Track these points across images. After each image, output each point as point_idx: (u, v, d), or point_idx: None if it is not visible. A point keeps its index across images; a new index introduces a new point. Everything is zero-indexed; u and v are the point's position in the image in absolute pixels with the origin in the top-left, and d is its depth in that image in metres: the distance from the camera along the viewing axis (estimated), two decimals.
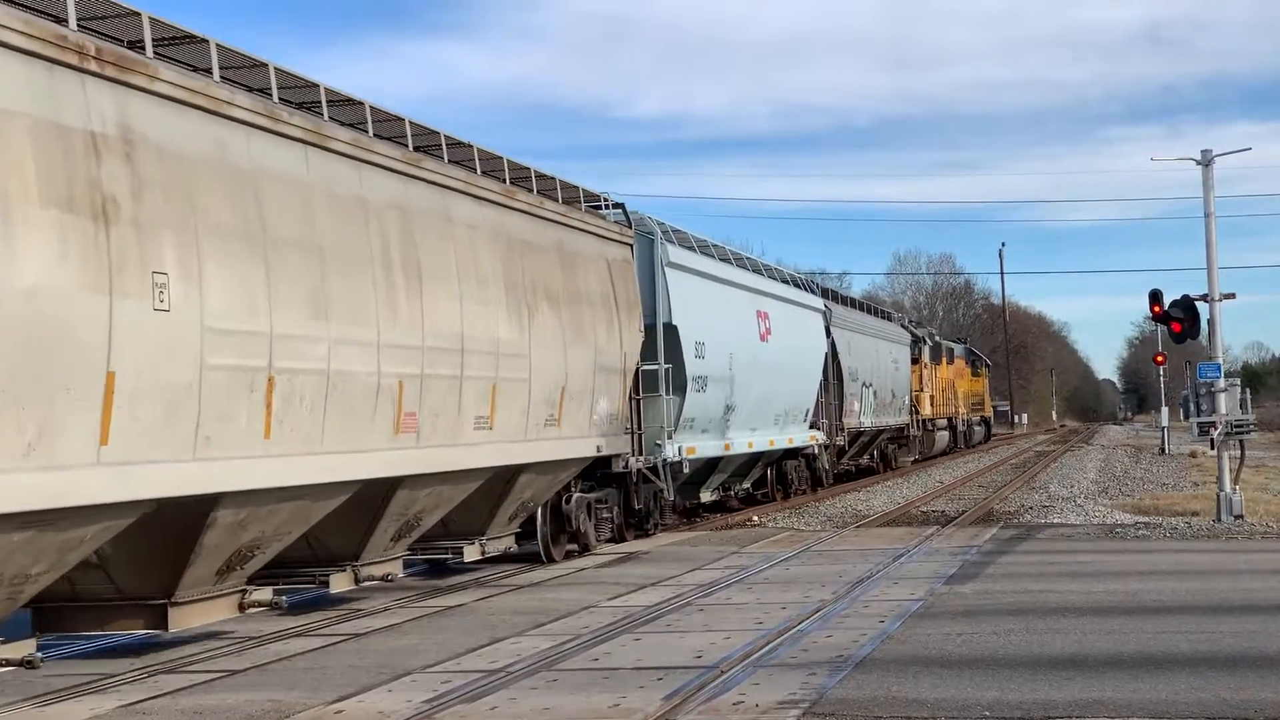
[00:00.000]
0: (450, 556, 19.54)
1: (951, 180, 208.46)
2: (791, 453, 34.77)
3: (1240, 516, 25.55)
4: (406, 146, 16.65)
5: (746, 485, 33.33)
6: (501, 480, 18.89)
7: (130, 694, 11.97)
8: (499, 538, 20.05)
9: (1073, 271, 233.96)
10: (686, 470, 25.90)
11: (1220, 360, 26.53)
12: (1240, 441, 26.39)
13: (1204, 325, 26.47)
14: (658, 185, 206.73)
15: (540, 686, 11.66)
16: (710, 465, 28.51)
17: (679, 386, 25.02)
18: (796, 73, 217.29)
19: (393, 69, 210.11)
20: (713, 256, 28.51)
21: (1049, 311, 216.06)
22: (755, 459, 31.73)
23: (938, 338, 66.35)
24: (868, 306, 51.15)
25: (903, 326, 54.65)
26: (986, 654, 12.59)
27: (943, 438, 61.41)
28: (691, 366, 25.41)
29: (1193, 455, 53.00)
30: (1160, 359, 65.09)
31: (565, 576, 19.83)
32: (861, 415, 42.86)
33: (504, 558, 21.25)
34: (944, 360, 62.87)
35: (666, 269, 24.75)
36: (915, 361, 54.04)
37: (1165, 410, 67.21)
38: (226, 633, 15.26)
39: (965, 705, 10.45)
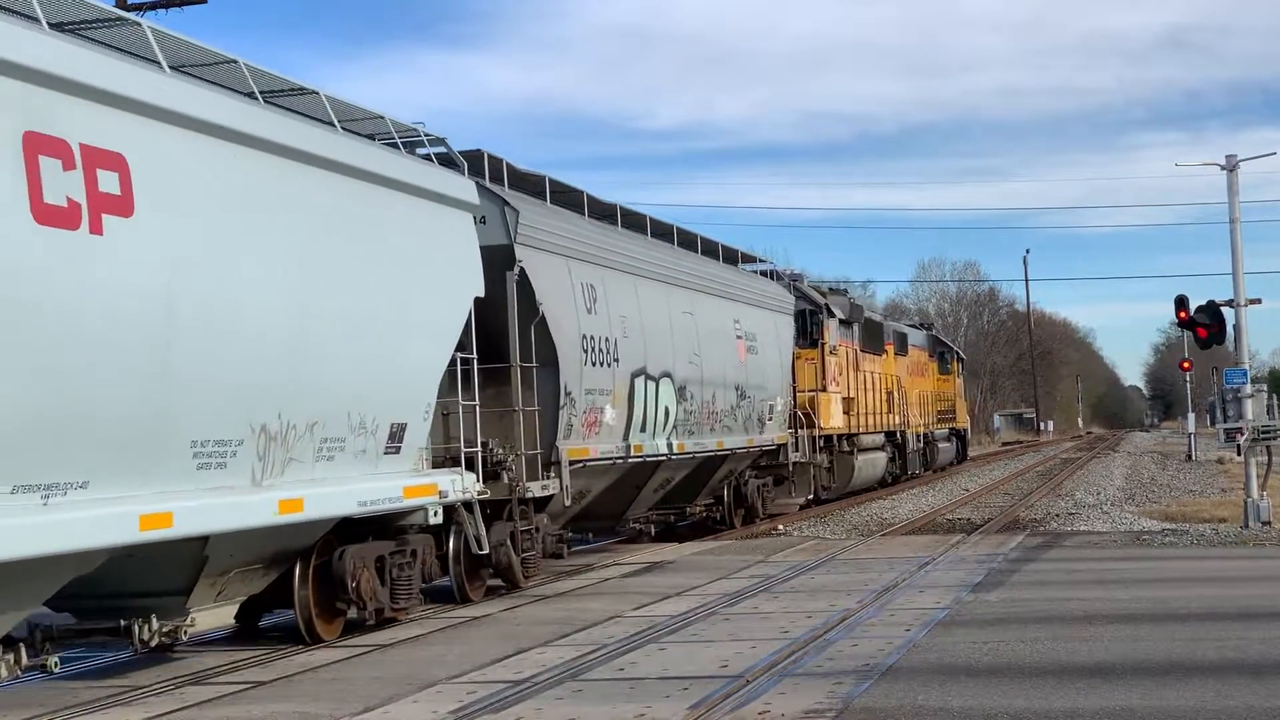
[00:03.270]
0: None
1: (975, 187, 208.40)
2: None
3: (1268, 523, 25.41)
4: None
5: None
6: None
7: (157, 706, 12.00)
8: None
9: (1098, 278, 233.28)
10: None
11: (1247, 366, 26.43)
12: (1267, 447, 26.26)
13: (1230, 331, 26.37)
14: (680, 195, 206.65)
15: (566, 697, 11.65)
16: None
17: None
18: (818, 82, 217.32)
19: (416, 80, 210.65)
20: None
21: (1074, 318, 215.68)
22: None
23: (873, 314, 46.61)
24: (674, 233, 26.61)
25: (792, 287, 34.42)
26: (1013, 662, 12.54)
27: (873, 463, 40.24)
28: None
29: (1220, 461, 52.74)
30: (1186, 365, 64.79)
31: (591, 586, 19.81)
32: (641, 433, 22.58)
33: None
34: (886, 347, 43.99)
35: None
36: (812, 343, 35.05)
37: (1192, 416, 66.92)
38: (252, 644, 15.27)
39: (992, 714, 10.41)
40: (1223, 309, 26.22)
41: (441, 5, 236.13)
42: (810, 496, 34.45)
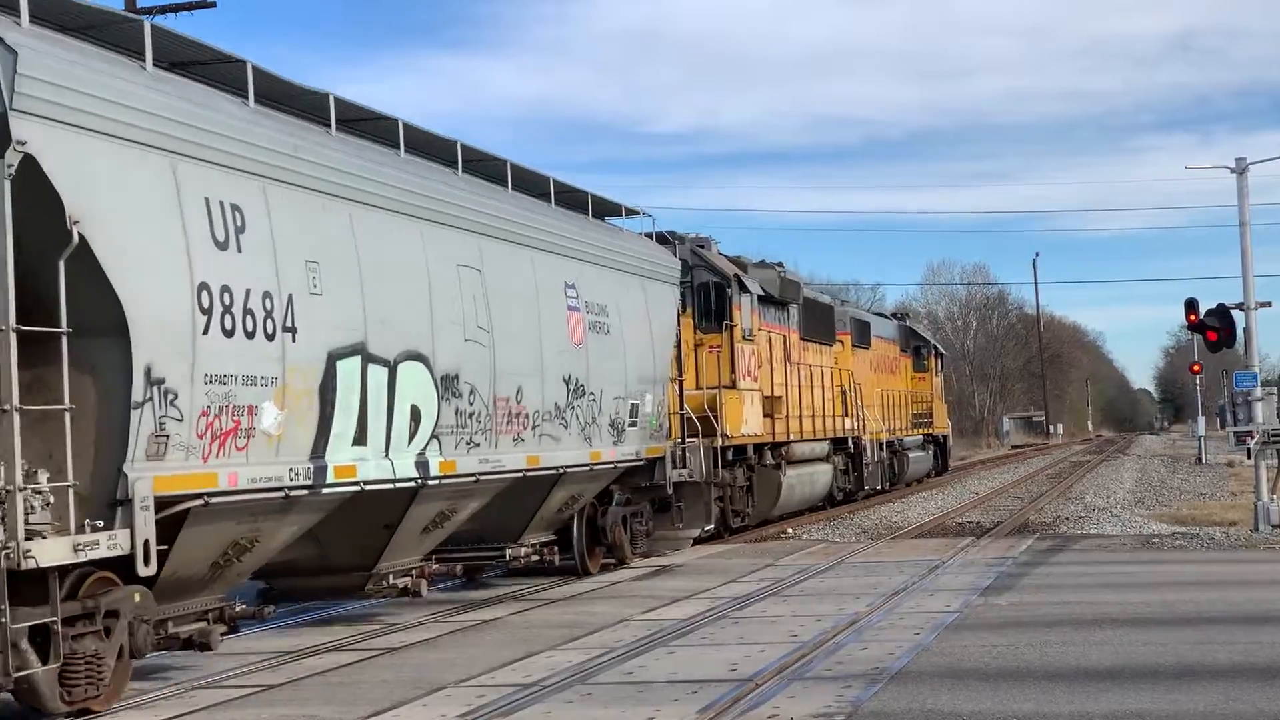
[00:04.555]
0: None
1: (984, 191, 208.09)
2: None
3: (1278, 526, 25.36)
4: None
5: None
6: None
7: (166, 709, 12.01)
8: None
9: (1107, 281, 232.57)
10: None
11: (1257, 369, 26.39)
12: (1278, 451, 26.21)
13: (1240, 334, 26.33)
14: (688, 199, 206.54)
15: (575, 700, 11.65)
16: None
17: None
18: (826, 86, 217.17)
19: (424, 85, 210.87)
20: None
21: (1084, 321, 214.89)
22: None
23: (820, 296, 38.12)
24: (459, 154, 17.98)
25: (692, 253, 27.05)
26: (1023, 666, 12.53)
27: (811, 479, 32.42)
28: None
29: (1230, 465, 52.63)
30: (1196, 368, 64.70)
31: (600, 590, 19.81)
32: (358, 446, 14.72)
33: None
34: (841, 338, 36.73)
35: None
36: (716, 321, 27.22)
37: (1202, 419, 66.81)
38: (261, 649, 15.29)
39: (1002, 717, 10.40)
40: (1233, 312, 26.18)
41: (447, 9, 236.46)
42: (709, 527, 26.06)
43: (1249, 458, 26.82)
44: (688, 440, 24.67)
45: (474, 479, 16.78)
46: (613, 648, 14.27)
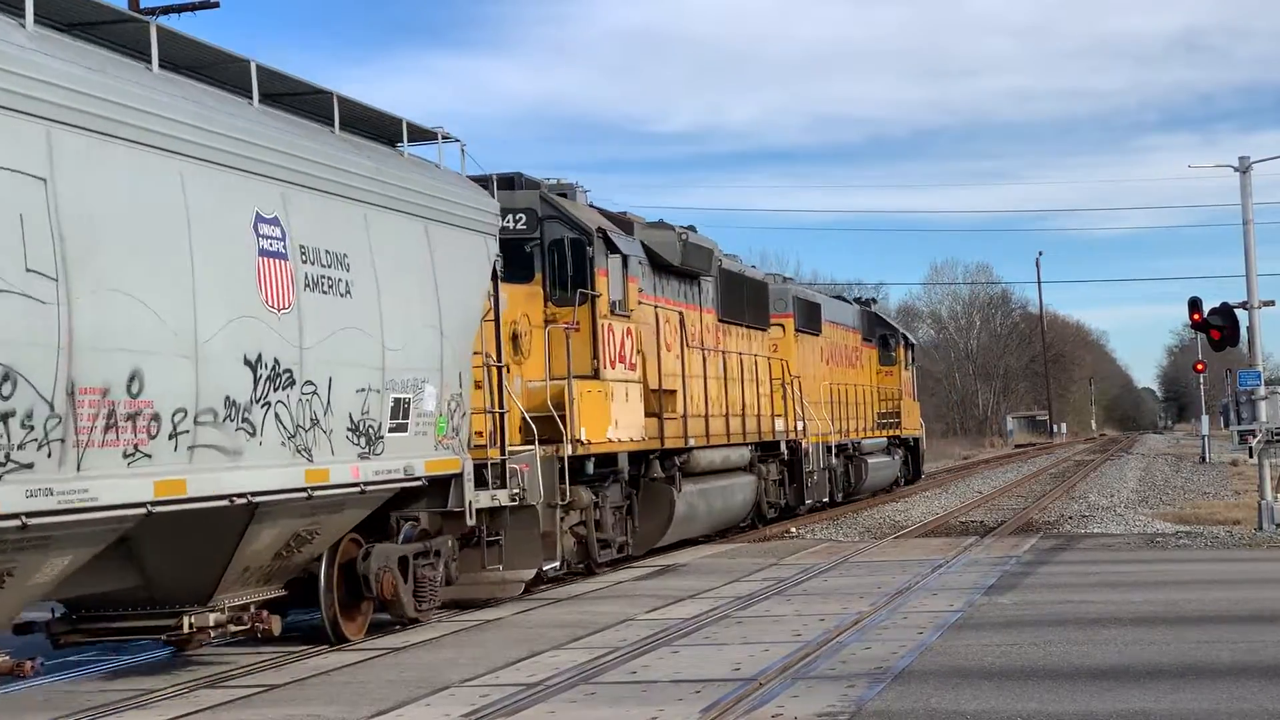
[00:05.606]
0: None
1: (987, 190, 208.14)
2: None
3: None
4: None
5: None
6: None
7: (171, 709, 12.02)
8: None
9: (1111, 280, 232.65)
10: None
11: (1260, 368, 26.40)
12: None
13: (1244, 333, 26.32)
14: (691, 198, 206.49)
15: (579, 700, 11.66)
16: None
17: None
18: (829, 85, 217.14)
19: (426, 84, 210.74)
20: None
21: (1087, 320, 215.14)
22: None
23: (747, 269, 31.01)
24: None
25: (543, 199, 21.25)
26: (1026, 665, 12.52)
27: (723, 495, 26.24)
28: None
29: (1234, 464, 52.59)
30: (1200, 367, 64.62)
31: (604, 589, 19.81)
32: None
33: None
34: (779, 321, 31.37)
35: None
36: (575, 290, 20.99)
37: (1205, 419, 66.79)
38: (264, 648, 15.28)
39: (1005, 716, 10.40)
40: (1236, 311, 26.17)
41: (452, 10, 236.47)
42: (553, 565, 19.13)
43: (1252, 456, 26.79)
44: (518, 449, 18.35)
45: (18, 523, 10.35)
46: (616, 647, 14.27)
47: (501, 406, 18.04)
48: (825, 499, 33.85)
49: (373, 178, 15.34)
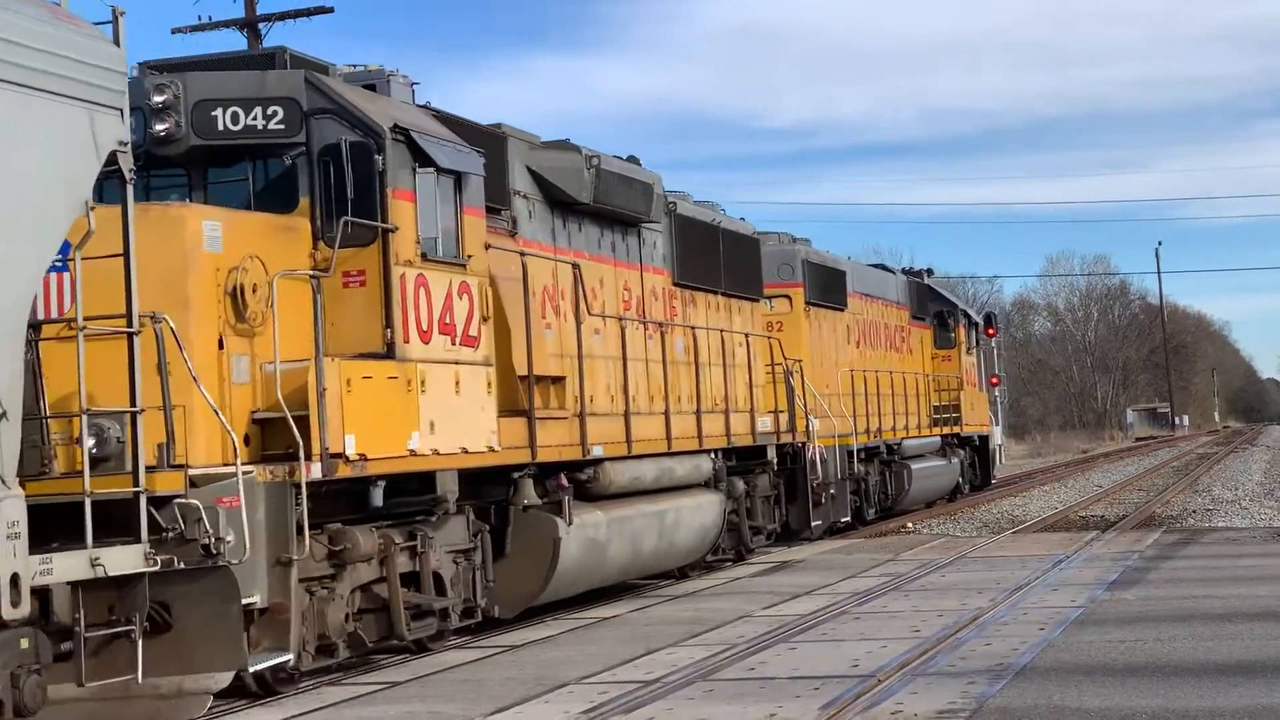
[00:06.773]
0: None
1: (1106, 180, 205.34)
2: None
3: None
4: None
5: None
6: None
7: (292, 706, 12.17)
8: None
9: (1233, 269, 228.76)
10: None
11: None
12: None
13: None
14: (802, 194, 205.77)
15: (696, 697, 11.65)
16: None
17: None
18: (942, 76, 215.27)
19: (535, 85, 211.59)
20: None
21: (1209, 311, 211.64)
22: None
23: (712, 213, 22.38)
24: None
25: (290, 62, 13.91)
26: (1151, 661, 12.34)
27: (661, 528, 18.87)
28: None
29: None
30: None
31: (719, 586, 19.80)
32: None
33: None
34: (787, 291, 26.25)
35: None
36: (353, 222, 13.27)
37: None
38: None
39: (1130, 713, 10.25)
40: None
41: (559, 11, 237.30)
42: (287, 660, 12.45)
43: None
44: (213, 470, 11.59)
45: None
46: (734, 644, 14.25)
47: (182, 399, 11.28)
48: (846, 518, 27.16)
49: None
